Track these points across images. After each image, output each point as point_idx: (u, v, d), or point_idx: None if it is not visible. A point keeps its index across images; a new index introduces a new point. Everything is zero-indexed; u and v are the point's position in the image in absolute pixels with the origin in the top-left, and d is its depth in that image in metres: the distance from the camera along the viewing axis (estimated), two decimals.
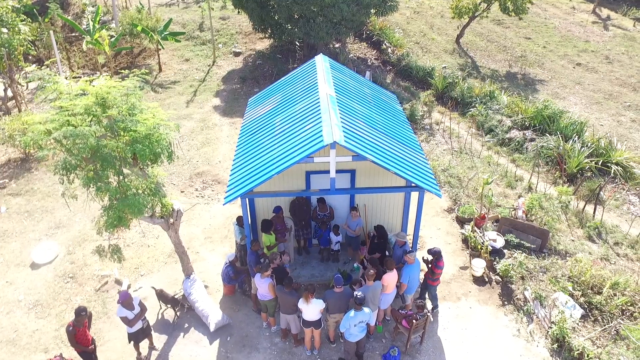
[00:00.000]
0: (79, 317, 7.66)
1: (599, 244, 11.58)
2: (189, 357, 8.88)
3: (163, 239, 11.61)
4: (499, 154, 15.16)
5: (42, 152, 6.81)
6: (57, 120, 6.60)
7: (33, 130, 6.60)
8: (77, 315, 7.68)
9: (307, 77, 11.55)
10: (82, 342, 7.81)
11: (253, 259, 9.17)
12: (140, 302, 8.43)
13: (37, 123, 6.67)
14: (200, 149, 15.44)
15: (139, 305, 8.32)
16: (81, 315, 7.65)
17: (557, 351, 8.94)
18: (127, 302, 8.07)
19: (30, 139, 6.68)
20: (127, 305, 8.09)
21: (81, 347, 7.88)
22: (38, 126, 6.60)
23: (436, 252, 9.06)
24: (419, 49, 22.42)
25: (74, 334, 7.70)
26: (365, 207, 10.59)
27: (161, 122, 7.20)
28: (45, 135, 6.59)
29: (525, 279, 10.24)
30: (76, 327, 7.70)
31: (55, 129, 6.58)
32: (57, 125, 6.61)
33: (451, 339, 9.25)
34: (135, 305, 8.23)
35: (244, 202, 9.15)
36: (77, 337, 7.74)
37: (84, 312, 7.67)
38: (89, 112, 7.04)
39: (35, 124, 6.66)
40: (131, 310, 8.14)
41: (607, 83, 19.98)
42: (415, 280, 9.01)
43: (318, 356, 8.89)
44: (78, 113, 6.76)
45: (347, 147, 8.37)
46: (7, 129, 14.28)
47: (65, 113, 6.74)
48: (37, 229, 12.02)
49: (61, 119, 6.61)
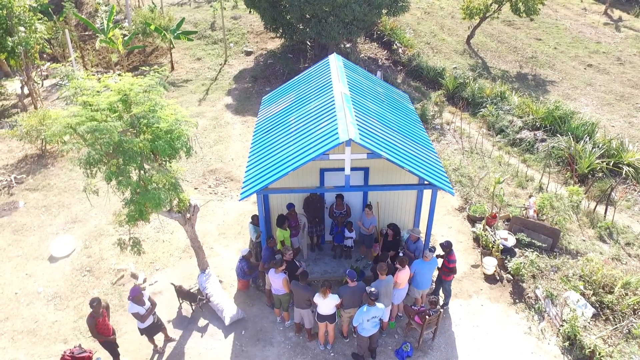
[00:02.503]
0: (94, 307, 7.83)
1: (610, 244, 11.61)
2: (204, 350, 9.05)
3: (178, 235, 11.80)
4: (509, 154, 15.21)
5: (65, 146, 6.98)
6: (82, 115, 6.78)
7: (58, 123, 6.78)
8: (91, 306, 7.84)
9: (321, 76, 11.69)
10: (103, 332, 8.01)
11: (268, 255, 9.32)
12: (149, 297, 8.60)
13: (62, 117, 6.85)
14: (213, 147, 15.63)
15: (148, 300, 8.49)
16: (94, 305, 7.80)
17: (569, 349, 9.00)
18: (138, 298, 8.23)
19: (54, 133, 6.85)
20: (138, 301, 8.24)
21: (103, 336, 8.07)
22: (63, 120, 6.78)
23: (447, 244, 9.16)
24: (430, 49, 22.49)
25: (94, 325, 7.89)
26: (378, 204, 10.71)
27: (182, 118, 7.36)
28: (69, 129, 6.77)
29: (536, 278, 10.30)
30: (96, 318, 7.89)
31: (79, 123, 6.76)
32: (82, 120, 6.79)
33: (463, 335, 9.35)
34: (145, 301, 8.40)
35: (259, 199, 9.30)
36: (97, 327, 7.93)
37: (95, 303, 7.80)
38: (112, 109, 7.22)
39: (60, 118, 6.84)
40: (142, 305, 8.30)
41: (619, 84, 19.94)
42: (427, 277, 9.10)
43: (331, 351, 9.02)
44: (102, 109, 6.94)
45: (362, 145, 8.49)
46: (24, 125, 14.55)
47: (89, 108, 6.93)
48: (54, 223, 12.25)
49: (86, 113, 6.79)
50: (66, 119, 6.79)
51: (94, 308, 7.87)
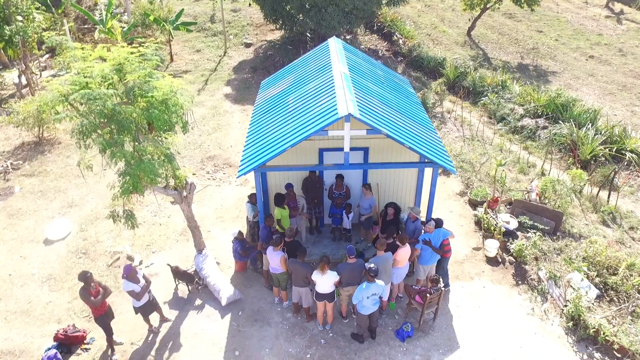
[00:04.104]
0: (86, 279, 7.64)
1: (613, 229, 11.44)
2: (200, 330, 8.87)
3: (175, 218, 11.65)
4: (511, 142, 15.05)
5: (58, 116, 6.83)
6: (75, 83, 6.63)
7: (51, 91, 6.64)
8: (81, 279, 7.69)
9: (320, 58, 11.54)
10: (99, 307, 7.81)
11: (266, 233, 9.15)
12: (144, 275, 8.43)
13: (54, 85, 6.70)
14: (211, 134, 15.49)
15: (143, 278, 8.32)
16: (86, 277, 7.63)
17: (572, 330, 8.82)
18: (132, 275, 8.04)
19: (46, 102, 6.70)
20: (132, 278, 8.06)
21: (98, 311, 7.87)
22: (55, 88, 6.63)
23: (438, 221, 8.98)
24: (430, 41, 22.36)
25: (89, 295, 7.67)
26: (378, 186, 10.55)
27: (178, 87, 7.21)
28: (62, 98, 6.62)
29: (539, 260, 10.13)
30: (88, 290, 7.70)
31: (72, 92, 6.61)
32: (74, 88, 6.65)
33: (464, 316, 9.17)
34: (140, 279, 8.23)
35: (257, 176, 9.15)
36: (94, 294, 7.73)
37: (86, 275, 7.65)
38: (105, 79, 7.07)
39: (53, 87, 6.70)
40: (137, 283, 8.13)
41: (621, 75, 19.79)
42: (433, 252, 8.90)
43: (330, 331, 8.84)
44: (95, 77, 6.79)
45: (361, 120, 8.33)
46: (21, 112, 14.42)
47: (82, 76, 6.77)
48: (50, 208, 12.10)
49: (79, 81, 6.64)
50: (58, 87, 6.64)
51: (84, 281, 7.67)
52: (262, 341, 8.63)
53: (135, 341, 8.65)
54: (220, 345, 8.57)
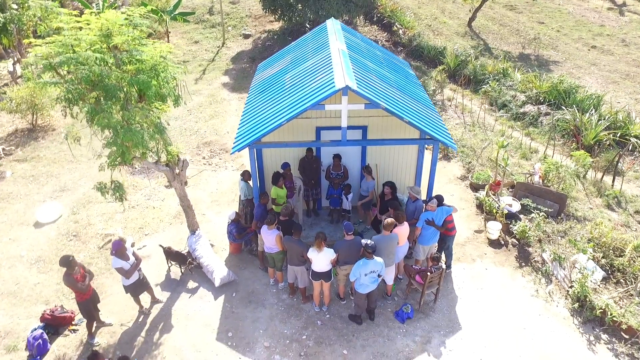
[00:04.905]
0: (68, 263, 7.24)
1: (618, 212, 11.14)
2: (192, 311, 8.57)
3: (169, 202, 11.37)
4: (512, 128, 14.76)
5: (42, 81, 6.55)
6: (59, 44, 6.35)
7: (34, 52, 6.37)
8: (63, 265, 7.29)
9: (318, 38, 11.29)
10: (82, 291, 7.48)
11: (260, 212, 8.86)
12: (134, 252, 8.13)
13: (38, 47, 6.43)
14: (208, 121, 15.22)
15: (133, 256, 8.03)
16: (68, 261, 7.22)
17: (578, 311, 8.51)
18: (121, 252, 7.73)
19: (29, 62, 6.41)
20: (121, 255, 7.75)
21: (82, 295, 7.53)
22: (39, 50, 6.36)
23: (438, 197, 8.70)
24: (431, 32, 22.10)
25: (74, 280, 7.34)
26: (377, 166, 10.27)
27: (168, 51, 6.94)
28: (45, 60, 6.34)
29: (542, 242, 9.83)
30: (72, 274, 7.35)
31: (56, 53, 6.33)
32: (59, 51, 6.37)
33: (466, 298, 8.86)
34: (130, 256, 7.93)
35: (252, 153, 8.86)
36: (79, 279, 7.41)
37: (68, 259, 7.25)
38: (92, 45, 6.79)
39: (37, 48, 6.42)
40: (126, 260, 7.82)
41: (624, 64, 19.51)
42: (434, 230, 8.59)
43: (327, 312, 8.53)
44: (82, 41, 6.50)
45: (359, 93, 8.06)
46: (14, 97, 14.17)
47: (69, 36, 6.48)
48: (41, 192, 11.82)
49: (64, 40, 6.36)
50: (42, 48, 6.37)
51: (67, 265, 7.26)
52: (256, 322, 8.33)
53: (124, 322, 8.35)
54: (213, 326, 8.27)
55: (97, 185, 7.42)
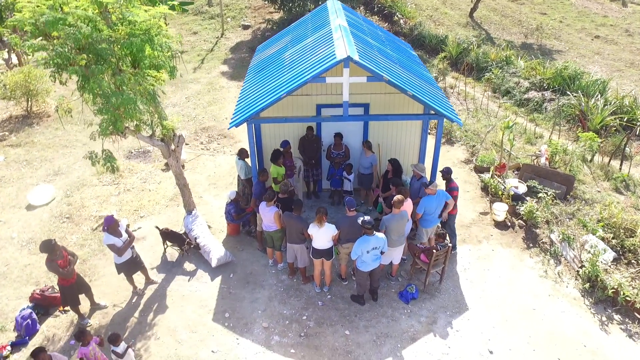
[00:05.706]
0: (49, 249, 6.86)
1: (627, 195, 10.83)
2: (188, 292, 8.25)
3: (165, 184, 11.06)
4: (516, 114, 14.47)
5: (28, 43, 6.25)
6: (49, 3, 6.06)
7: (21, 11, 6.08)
8: (44, 250, 6.90)
9: (318, 17, 11.02)
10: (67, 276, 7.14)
11: (259, 190, 8.55)
12: (127, 229, 7.82)
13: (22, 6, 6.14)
14: (206, 108, 14.93)
15: (126, 233, 7.71)
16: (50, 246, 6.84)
17: (589, 291, 8.19)
18: (113, 228, 7.42)
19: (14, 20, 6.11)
20: (114, 231, 7.44)
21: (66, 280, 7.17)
22: (25, 9, 6.07)
23: (447, 170, 8.40)
24: (432, 22, 21.85)
25: (57, 266, 6.97)
26: (379, 146, 9.96)
27: (161, 12, 6.64)
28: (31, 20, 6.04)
29: (550, 223, 9.51)
30: (56, 260, 6.96)
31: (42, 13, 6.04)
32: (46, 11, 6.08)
33: (473, 279, 8.54)
34: (122, 232, 7.61)
35: (250, 129, 8.56)
36: (62, 265, 7.05)
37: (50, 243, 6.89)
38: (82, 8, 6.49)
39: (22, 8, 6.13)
40: (119, 237, 7.51)
41: (628, 53, 19.25)
42: (435, 213, 8.28)
43: (328, 293, 8.21)
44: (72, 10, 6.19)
45: (361, 65, 7.75)
46: (8, 83, 13.87)
47: None
48: (35, 176, 11.51)
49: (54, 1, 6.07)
50: (27, 8, 6.08)
51: (49, 251, 6.86)
52: (255, 303, 8.01)
53: (117, 303, 8.02)
54: (210, 307, 7.95)
55: (87, 155, 7.09)
